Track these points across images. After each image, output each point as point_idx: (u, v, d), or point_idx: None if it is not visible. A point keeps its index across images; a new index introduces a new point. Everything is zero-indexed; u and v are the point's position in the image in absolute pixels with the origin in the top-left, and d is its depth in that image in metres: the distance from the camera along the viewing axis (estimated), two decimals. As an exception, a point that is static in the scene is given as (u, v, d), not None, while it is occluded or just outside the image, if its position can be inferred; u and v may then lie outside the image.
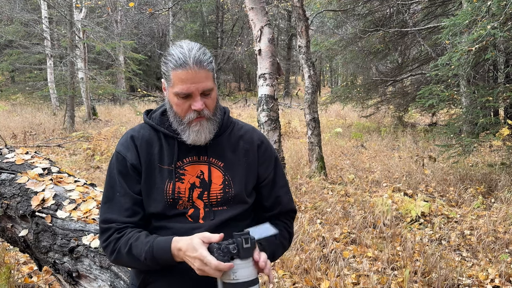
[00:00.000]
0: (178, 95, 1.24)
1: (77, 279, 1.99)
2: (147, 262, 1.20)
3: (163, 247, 1.17)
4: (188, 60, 1.20)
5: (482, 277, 3.20)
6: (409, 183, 5.64)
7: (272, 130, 4.65)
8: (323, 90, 30.47)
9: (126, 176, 1.31)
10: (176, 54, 1.22)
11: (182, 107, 1.25)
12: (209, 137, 1.29)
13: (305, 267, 3.26)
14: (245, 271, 1.13)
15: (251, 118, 12.63)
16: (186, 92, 1.22)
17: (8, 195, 2.27)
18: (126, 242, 1.23)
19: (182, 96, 1.23)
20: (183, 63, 1.20)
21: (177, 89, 1.22)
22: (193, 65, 1.20)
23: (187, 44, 1.24)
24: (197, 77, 1.21)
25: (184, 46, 1.23)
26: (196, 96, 1.23)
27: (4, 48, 17.83)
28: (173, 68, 1.22)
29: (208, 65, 1.23)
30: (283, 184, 1.45)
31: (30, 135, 10.12)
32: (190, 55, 1.21)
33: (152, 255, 1.18)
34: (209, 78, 1.24)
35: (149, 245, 1.19)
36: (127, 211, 1.28)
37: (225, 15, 23.32)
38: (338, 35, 12.52)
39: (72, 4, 11.95)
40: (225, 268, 1.10)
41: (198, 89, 1.22)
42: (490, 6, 4.91)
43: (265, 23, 4.70)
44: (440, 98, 6.23)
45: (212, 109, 1.29)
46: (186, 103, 1.24)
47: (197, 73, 1.21)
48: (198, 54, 1.22)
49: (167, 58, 1.24)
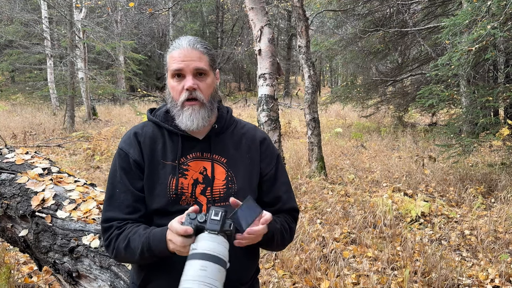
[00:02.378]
0: (173, 76, 1.29)
1: (77, 279, 1.99)
2: (145, 254, 1.20)
3: (159, 237, 1.18)
4: (182, 42, 1.29)
5: (482, 277, 3.20)
6: (409, 183, 5.64)
7: (272, 130, 4.65)
8: (323, 90, 30.47)
9: (129, 173, 1.32)
10: (174, 42, 1.31)
11: (176, 89, 1.29)
12: (202, 124, 1.30)
13: (305, 267, 3.26)
14: (207, 244, 1.03)
15: (251, 118, 12.63)
16: (177, 68, 1.26)
17: (8, 195, 2.27)
18: (125, 236, 1.25)
19: (175, 74, 1.28)
20: (177, 45, 1.29)
21: (171, 68, 1.28)
22: (187, 46, 1.28)
23: (186, 36, 1.34)
24: (189, 55, 1.27)
25: (181, 37, 1.33)
26: (188, 75, 1.27)
27: (4, 48, 17.82)
28: (169, 52, 1.30)
29: (202, 48, 1.29)
30: (284, 182, 1.45)
31: (30, 135, 10.12)
32: (185, 39, 1.30)
33: (149, 246, 1.19)
34: (202, 59, 1.29)
35: (146, 236, 1.20)
36: (127, 208, 1.29)
37: (225, 15, 23.33)
38: (338, 35, 12.52)
39: (72, 4, 11.95)
40: (182, 231, 1.06)
41: (189, 66, 1.27)
42: (490, 6, 4.91)
43: (265, 23, 4.70)
44: (440, 98, 6.23)
45: (208, 95, 1.31)
46: (180, 84, 1.28)
47: (189, 52, 1.27)
48: (194, 39, 1.30)
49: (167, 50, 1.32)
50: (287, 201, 1.43)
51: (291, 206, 1.43)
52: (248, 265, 1.37)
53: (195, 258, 1.02)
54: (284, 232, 1.36)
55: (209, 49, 1.32)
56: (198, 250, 1.03)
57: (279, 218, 1.36)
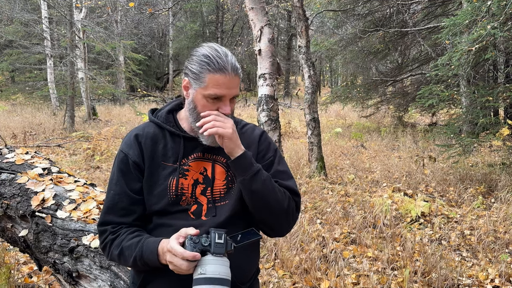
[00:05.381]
0: (209, 97, 1.25)
1: (77, 279, 1.99)
2: (138, 264, 1.22)
3: (151, 248, 1.19)
4: (227, 66, 1.23)
5: (482, 277, 3.20)
6: (409, 183, 5.64)
7: (272, 130, 4.65)
8: (323, 90, 30.47)
9: (126, 175, 1.33)
10: (213, 58, 1.23)
11: (209, 109, 1.27)
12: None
13: (305, 267, 3.25)
14: (215, 268, 1.08)
15: (251, 118, 12.63)
16: (220, 95, 1.25)
17: (8, 195, 2.27)
18: (118, 244, 1.26)
19: (212, 98, 1.25)
20: (222, 68, 1.23)
21: (211, 91, 1.24)
22: (231, 71, 1.24)
23: (220, 48, 1.27)
24: (233, 83, 1.25)
25: (219, 50, 1.25)
26: (227, 101, 1.27)
27: (4, 48, 17.83)
28: (210, 71, 1.23)
29: (240, 73, 1.28)
30: (283, 170, 1.41)
31: (30, 135, 10.12)
32: (228, 61, 1.24)
33: (141, 257, 1.20)
34: (239, 84, 1.29)
35: (139, 246, 1.21)
36: (122, 210, 1.31)
37: (225, 15, 23.30)
38: (338, 35, 12.52)
39: (72, 4, 11.95)
40: (190, 257, 1.08)
41: (231, 94, 1.26)
42: (490, 6, 4.91)
43: (265, 23, 4.70)
44: (440, 98, 6.23)
45: (232, 112, 1.34)
46: (214, 105, 1.27)
47: (233, 79, 1.25)
48: (234, 61, 1.26)
49: (202, 60, 1.24)
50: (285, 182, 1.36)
51: (288, 185, 1.36)
52: (248, 265, 1.37)
53: (206, 283, 1.07)
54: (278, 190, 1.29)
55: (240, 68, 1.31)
56: (208, 275, 1.08)
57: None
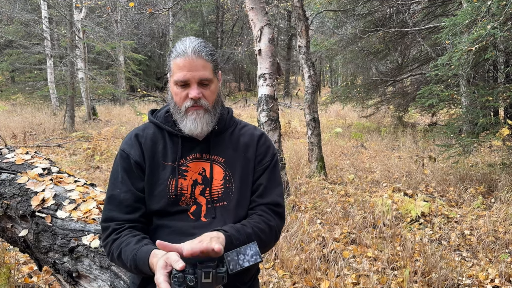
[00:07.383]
0: (176, 84, 1.27)
1: (77, 279, 1.99)
2: (133, 270, 1.22)
3: (143, 259, 1.17)
4: (187, 49, 1.25)
5: (482, 277, 3.20)
6: (409, 183, 5.64)
7: (272, 130, 4.65)
8: (323, 90, 30.47)
9: (130, 173, 1.33)
10: (178, 46, 1.28)
11: (180, 96, 1.28)
12: (206, 129, 1.30)
13: (305, 267, 3.25)
14: None
15: (251, 118, 12.63)
16: (182, 79, 1.25)
17: (8, 195, 2.27)
18: (118, 246, 1.25)
19: (180, 84, 1.27)
20: (182, 51, 1.26)
21: (175, 77, 1.26)
22: (191, 54, 1.25)
23: (191, 38, 1.30)
24: (194, 65, 1.25)
25: (187, 39, 1.29)
26: (193, 84, 1.26)
27: (4, 48, 17.83)
28: (173, 58, 1.27)
29: (206, 56, 1.27)
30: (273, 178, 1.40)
31: (30, 135, 10.12)
32: (190, 45, 1.26)
33: (135, 264, 1.19)
34: (207, 68, 1.27)
35: (134, 254, 1.20)
36: (127, 207, 1.30)
37: (225, 15, 23.32)
38: (338, 35, 12.52)
39: (72, 4, 11.95)
40: None
41: (195, 77, 1.25)
42: (490, 6, 4.91)
43: (265, 23, 4.70)
44: (440, 98, 6.23)
45: (212, 101, 1.31)
46: (184, 91, 1.28)
47: (194, 61, 1.25)
48: (198, 44, 1.27)
49: (171, 51, 1.30)
50: (269, 192, 1.36)
51: (272, 199, 1.36)
52: (248, 265, 1.37)
53: None
54: (260, 233, 1.28)
55: (213, 54, 1.30)
56: None
57: (252, 220, 1.30)
